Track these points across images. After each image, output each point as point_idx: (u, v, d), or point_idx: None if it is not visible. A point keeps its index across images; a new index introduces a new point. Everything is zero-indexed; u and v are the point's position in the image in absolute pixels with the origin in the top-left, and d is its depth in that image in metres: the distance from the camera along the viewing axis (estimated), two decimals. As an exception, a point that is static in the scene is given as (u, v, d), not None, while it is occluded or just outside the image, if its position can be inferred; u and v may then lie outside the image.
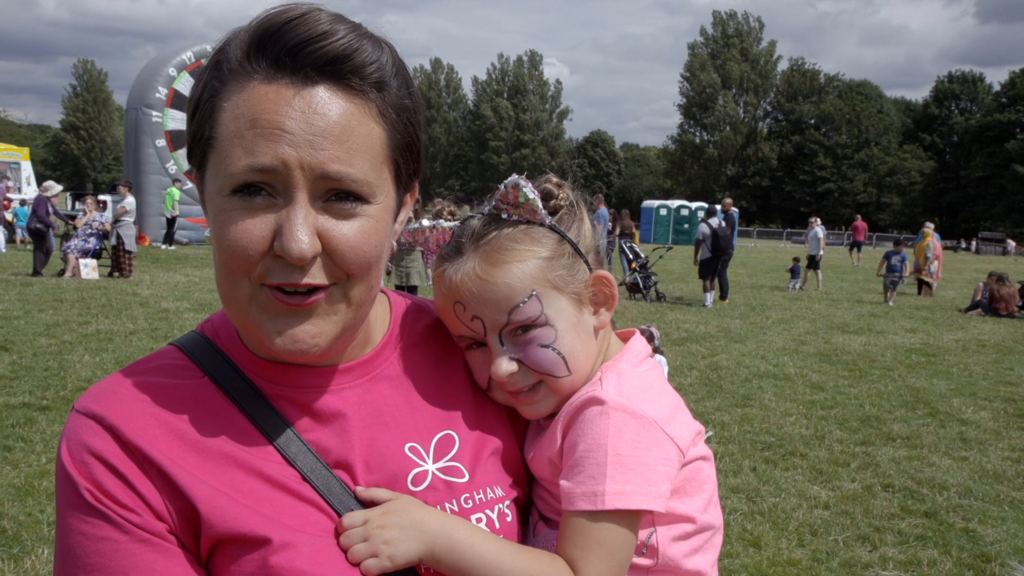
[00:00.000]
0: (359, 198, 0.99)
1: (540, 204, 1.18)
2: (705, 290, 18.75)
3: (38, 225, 18.43)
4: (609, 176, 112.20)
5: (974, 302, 19.91)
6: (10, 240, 25.20)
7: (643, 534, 1.16)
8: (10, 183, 27.86)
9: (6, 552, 4.68)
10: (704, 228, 18.87)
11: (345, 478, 1.07)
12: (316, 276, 0.98)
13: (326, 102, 0.96)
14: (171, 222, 26.81)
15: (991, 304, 19.42)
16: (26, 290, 15.34)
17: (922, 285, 23.52)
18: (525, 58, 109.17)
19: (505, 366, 1.17)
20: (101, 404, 1.02)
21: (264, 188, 0.96)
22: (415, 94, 1.06)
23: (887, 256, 21.30)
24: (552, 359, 1.17)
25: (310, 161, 0.94)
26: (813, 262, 24.00)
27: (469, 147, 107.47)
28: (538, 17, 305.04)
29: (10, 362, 9.24)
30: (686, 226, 53.54)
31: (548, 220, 1.19)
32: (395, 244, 1.18)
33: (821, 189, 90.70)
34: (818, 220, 25.12)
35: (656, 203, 57.81)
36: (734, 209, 20.72)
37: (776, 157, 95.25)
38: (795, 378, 10.77)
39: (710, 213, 19.55)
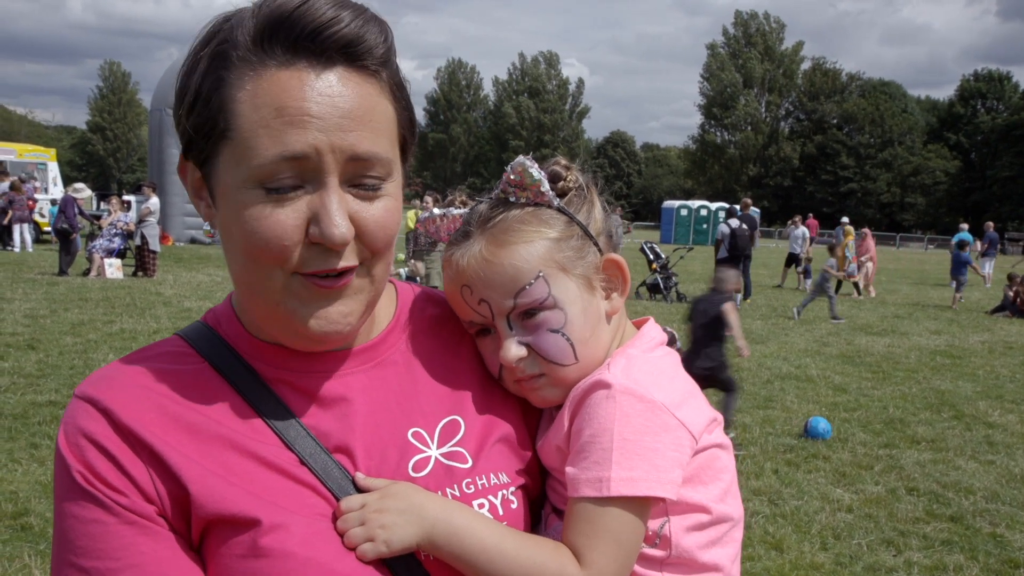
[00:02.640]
0: (381, 177, 1.00)
1: (547, 185, 1.15)
2: None
3: (64, 225, 18.66)
4: (629, 176, 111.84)
5: (1001, 304, 19.64)
6: (37, 240, 25.54)
7: (655, 524, 1.12)
8: (37, 183, 28.19)
9: (33, 548, 4.75)
10: (723, 228, 18.83)
11: (345, 463, 1.05)
12: (349, 258, 0.99)
13: (346, 84, 0.96)
14: None
15: (1017, 306, 19.14)
16: (52, 289, 15.54)
17: (856, 287, 23.03)
18: (541, 59, 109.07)
19: (514, 350, 1.14)
20: (98, 388, 1.02)
21: (291, 179, 0.95)
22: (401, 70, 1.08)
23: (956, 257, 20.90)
24: (561, 346, 1.14)
25: (340, 144, 0.95)
26: (795, 260, 23.93)
27: (490, 147, 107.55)
28: (556, 17, 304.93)
29: (37, 360, 9.37)
30: (705, 226, 53.26)
31: (556, 202, 1.16)
32: (421, 239, 1.17)
33: (844, 189, 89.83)
34: (800, 219, 24.98)
35: (677, 203, 57.56)
36: (755, 209, 20.63)
37: (798, 157, 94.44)
38: (817, 380, 10.68)
39: (730, 213, 19.51)
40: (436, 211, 1.24)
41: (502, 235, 1.14)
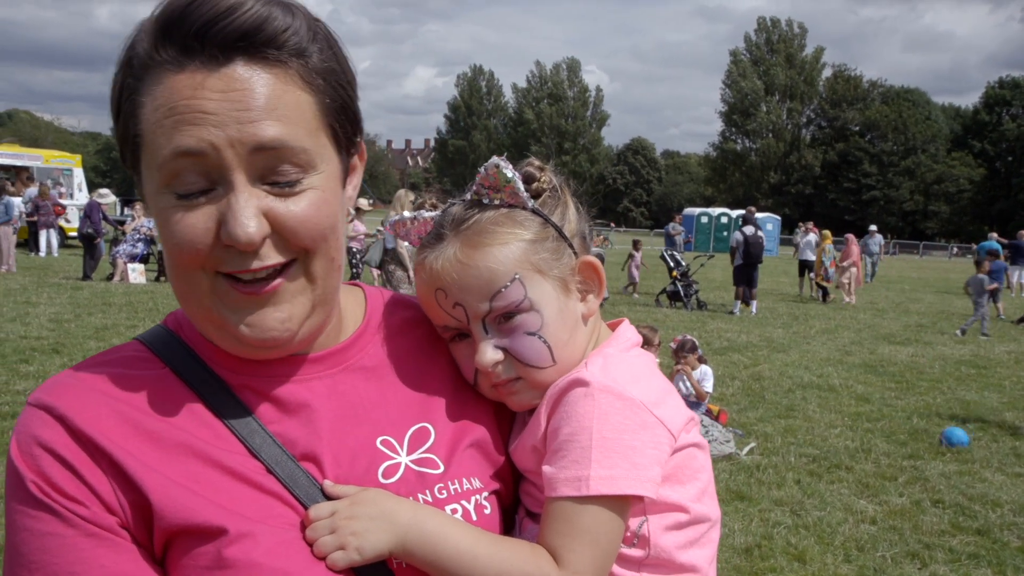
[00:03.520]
0: (300, 169, 0.94)
1: (521, 186, 1.13)
2: (736, 297, 18.59)
3: (89, 230, 18.88)
4: (650, 183, 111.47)
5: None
6: (63, 244, 25.86)
7: (634, 523, 1.10)
8: (63, 189, 28.55)
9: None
10: (737, 235, 18.98)
11: (312, 470, 1.02)
12: (269, 257, 0.95)
13: (245, 78, 0.91)
14: None
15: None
16: (76, 294, 15.73)
17: (823, 291, 22.52)
18: (564, 66, 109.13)
19: (490, 354, 1.12)
20: (53, 395, 0.98)
21: (198, 182, 0.92)
22: (341, 55, 1.01)
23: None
24: (538, 349, 1.12)
25: (239, 136, 0.90)
26: (808, 267, 23.64)
27: (509, 153, 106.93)
28: (577, 24, 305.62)
29: (61, 364, 9.47)
30: (725, 234, 52.97)
31: (530, 203, 1.14)
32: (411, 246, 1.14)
33: (866, 197, 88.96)
34: (811, 225, 24.75)
35: (697, 211, 57.28)
36: (772, 216, 20.63)
37: (820, 164, 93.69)
38: (840, 389, 10.57)
39: (745, 221, 19.57)
40: (407, 214, 1.22)
41: (476, 237, 1.11)
